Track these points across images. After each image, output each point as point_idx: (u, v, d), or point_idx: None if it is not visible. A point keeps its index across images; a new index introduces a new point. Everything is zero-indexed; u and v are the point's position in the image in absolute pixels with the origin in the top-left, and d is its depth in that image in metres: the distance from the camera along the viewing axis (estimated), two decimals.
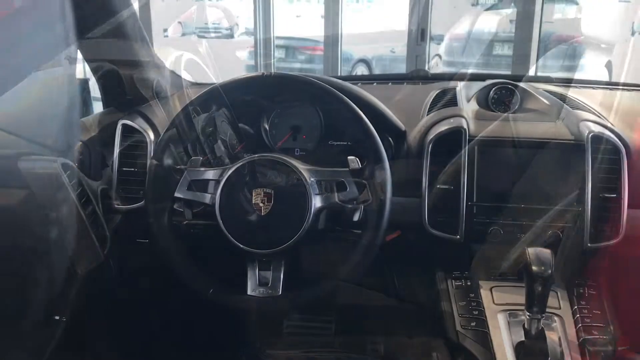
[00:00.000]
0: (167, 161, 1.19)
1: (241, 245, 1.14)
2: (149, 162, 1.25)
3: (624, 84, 1.81)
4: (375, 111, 1.39)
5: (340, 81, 1.40)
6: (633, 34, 7.91)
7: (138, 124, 1.44)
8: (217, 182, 1.16)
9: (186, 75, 1.81)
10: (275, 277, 1.15)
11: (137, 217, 1.32)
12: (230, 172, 1.16)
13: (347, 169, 1.16)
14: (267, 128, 1.46)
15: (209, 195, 1.17)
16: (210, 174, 1.18)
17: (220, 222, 1.14)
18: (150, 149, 1.42)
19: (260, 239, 1.14)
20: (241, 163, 1.16)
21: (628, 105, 1.54)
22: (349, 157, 1.18)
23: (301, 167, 1.15)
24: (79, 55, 1.47)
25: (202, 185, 1.18)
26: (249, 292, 1.15)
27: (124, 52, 1.43)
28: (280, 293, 1.15)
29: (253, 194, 1.14)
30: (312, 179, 1.14)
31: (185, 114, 1.21)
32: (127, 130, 1.45)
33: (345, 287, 1.16)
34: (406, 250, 1.40)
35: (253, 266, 1.16)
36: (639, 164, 1.27)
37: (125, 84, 1.53)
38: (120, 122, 1.45)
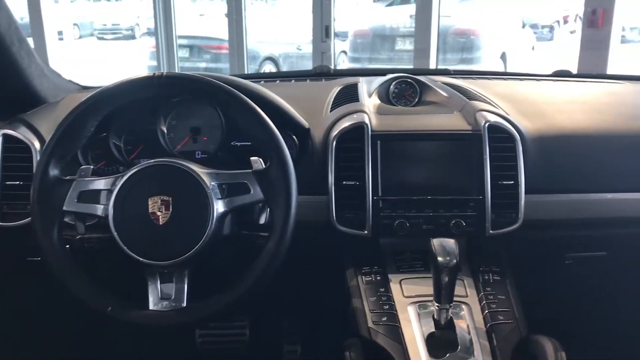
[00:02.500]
0: (54, 172, 1.10)
1: (140, 258, 1.07)
2: (34, 174, 1.15)
3: (516, 74, 1.89)
4: (278, 109, 1.36)
5: (239, 79, 1.36)
6: (523, 26, 8.39)
7: (21, 133, 1.34)
8: (110, 191, 1.08)
9: (77, 79, 1.70)
10: (179, 288, 1.09)
11: (26, 234, 1.22)
12: (123, 180, 1.08)
13: (250, 170, 1.12)
14: (165, 131, 1.39)
15: (102, 206, 1.09)
16: (102, 184, 1.10)
17: (116, 234, 1.07)
18: (36, 159, 1.31)
19: (159, 250, 1.07)
20: (135, 170, 1.09)
21: (520, 94, 1.61)
22: (252, 158, 1.14)
23: (200, 171, 1.10)
24: None
25: (93, 196, 1.10)
26: (150, 307, 1.09)
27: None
28: (185, 305, 1.09)
29: (149, 203, 1.07)
30: (212, 183, 1.09)
31: (73, 119, 1.12)
32: (9, 141, 1.33)
33: (257, 291, 1.12)
34: (315, 249, 1.39)
35: (154, 279, 1.10)
36: (532, 150, 1.32)
37: (4, 90, 1.40)
38: (1, 132, 1.33)
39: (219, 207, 1.09)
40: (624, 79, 1.82)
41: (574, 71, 1.99)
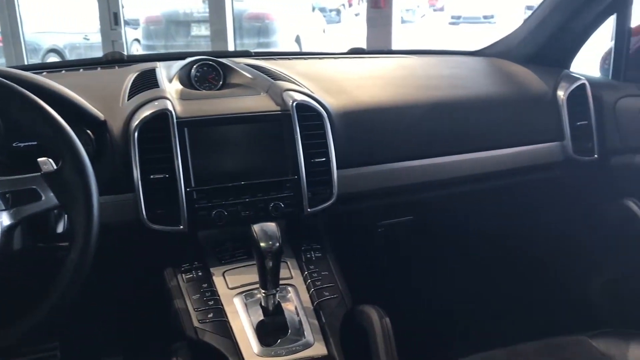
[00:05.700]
0: None
1: None
2: None
3: (315, 53, 1.93)
4: (66, 102, 1.21)
5: (15, 71, 1.18)
6: (313, 10, 8.75)
7: None
8: None
9: None
10: None
11: None
12: None
13: (39, 173, 0.98)
14: None
15: None
16: None
17: None
18: None
19: None
20: None
21: (321, 72, 1.64)
22: (40, 160, 0.99)
23: None
24: None
25: None
26: None
27: None
28: None
29: None
30: None
31: None
32: None
33: (63, 308, 0.99)
34: (127, 253, 1.28)
35: None
36: (339, 126, 1.35)
37: None
38: None
39: (4, 219, 0.93)
40: (411, 53, 1.95)
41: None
